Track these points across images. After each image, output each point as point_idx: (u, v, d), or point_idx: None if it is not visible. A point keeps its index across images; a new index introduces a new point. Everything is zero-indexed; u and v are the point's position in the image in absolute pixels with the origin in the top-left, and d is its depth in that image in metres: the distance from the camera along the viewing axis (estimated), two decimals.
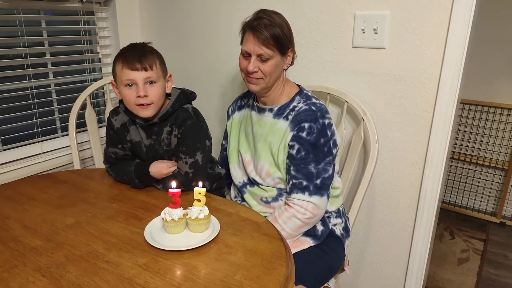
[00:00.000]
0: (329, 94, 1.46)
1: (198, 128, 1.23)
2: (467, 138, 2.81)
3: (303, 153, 1.14)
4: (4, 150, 1.61)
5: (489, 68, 2.64)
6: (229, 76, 1.78)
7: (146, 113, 1.16)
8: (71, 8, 1.73)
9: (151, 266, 0.84)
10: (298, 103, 1.21)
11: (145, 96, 1.13)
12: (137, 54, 1.12)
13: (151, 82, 1.15)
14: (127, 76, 1.12)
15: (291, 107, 1.21)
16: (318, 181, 1.15)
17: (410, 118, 1.37)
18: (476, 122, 2.76)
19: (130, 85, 1.13)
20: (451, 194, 2.90)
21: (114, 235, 0.96)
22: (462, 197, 2.87)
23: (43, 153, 1.70)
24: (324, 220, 1.23)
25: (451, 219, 2.73)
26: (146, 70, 1.13)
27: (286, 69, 1.23)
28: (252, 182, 1.28)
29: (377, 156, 1.37)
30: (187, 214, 0.97)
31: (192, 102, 1.29)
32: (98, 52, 1.90)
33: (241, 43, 1.19)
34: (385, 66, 1.38)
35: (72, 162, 1.63)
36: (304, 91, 1.25)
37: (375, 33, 1.36)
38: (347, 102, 1.43)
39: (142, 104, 1.14)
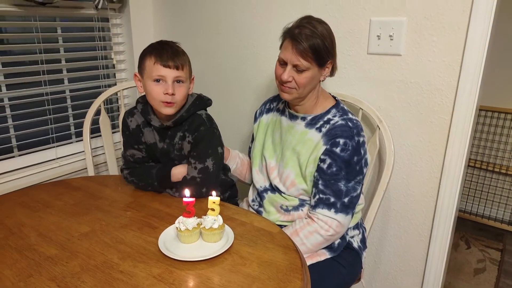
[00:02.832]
0: (344, 101, 1.44)
1: (211, 134, 1.22)
2: (483, 145, 2.75)
3: (334, 169, 1.11)
4: (19, 155, 1.62)
5: (507, 73, 2.59)
6: (245, 83, 1.77)
7: (169, 110, 1.17)
8: (86, 15, 1.75)
9: (166, 277, 0.84)
10: (334, 116, 1.18)
11: (172, 94, 1.14)
12: (171, 52, 1.14)
13: (179, 82, 1.16)
14: (158, 72, 1.13)
15: (325, 119, 1.18)
16: (346, 200, 1.12)
17: (427, 125, 1.35)
18: (492, 129, 2.70)
19: (158, 80, 1.14)
20: (466, 202, 2.84)
21: (129, 245, 0.96)
22: (478, 205, 2.81)
23: (57, 158, 1.72)
24: None
25: (466, 227, 2.67)
26: (177, 69, 1.14)
27: (322, 80, 1.19)
28: (273, 189, 1.26)
29: (393, 164, 1.35)
30: (201, 224, 0.96)
31: (208, 108, 1.29)
32: (112, 58, 1.91)
33: (280, 48, 1.16)
34: (401, 73, 1.36)
35: (86, 168, 1.64)
36: (341, 105, 1.22)
37: (391, 39, 1.34)
38: (362, 109, 1.41)
39: (167, 102, 1.15)
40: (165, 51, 1.14)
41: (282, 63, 1.14)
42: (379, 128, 1.36)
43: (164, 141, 1.24)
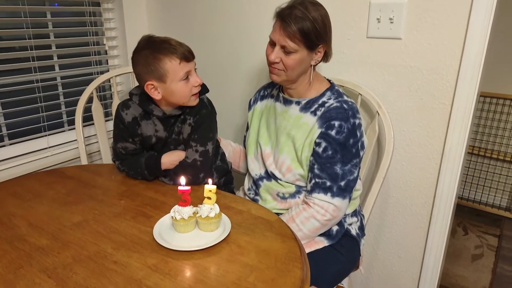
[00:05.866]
0: (342, 86, 1.41)
1: (212, 118, 1.22)
2: (481, 131, 2.74)
3: (330, 152, 1.09)
4: (10, 144, 1.58)
5: (508, 59, 2.55)
6: (239, 68, 1.73)
7: (197, 100, 1.19)
8: None
9: (161, 267, 0.81)
10: (329, 99, 1.15)
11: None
12: (181, 45, 1.12)
13: (195, 69, 1.17)
14: (186, 69, 1.11)
15: (320, 102, 1.15)
16: (342, 183, 1.09)
17: (427, 111, 1.32)
18: (491, 115, 2.68)
19: (186, 78, 1.13)
20: (464, 188, 2.84)
21: (122, 234, 0.93)
22: (476, 191, 2.81)
23: (49, 147, 1.68)
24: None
25: (464, 214, 2.68)
26: (194, 58, 1.15)
27: (314, 65, 1.15)
28: (269, 176, 1.24)
29: (393, 151, 1.32)
30: (197, 213, 0.94)
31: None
32: (104, 44, 1.86)
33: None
34: (401, 57, 1.32)
35: (79, 157, 1.60)
36: (335, 87, 1.19)
37: (391, 22, 1.30)
38: (361, 95, 1.38)
39: (196, 92, 1.16)
40: (177, 46, 1.11)
41: (272, 43, 1.11)
42: (379, 114, 1.33)
43: (167, 129, 1.21)
